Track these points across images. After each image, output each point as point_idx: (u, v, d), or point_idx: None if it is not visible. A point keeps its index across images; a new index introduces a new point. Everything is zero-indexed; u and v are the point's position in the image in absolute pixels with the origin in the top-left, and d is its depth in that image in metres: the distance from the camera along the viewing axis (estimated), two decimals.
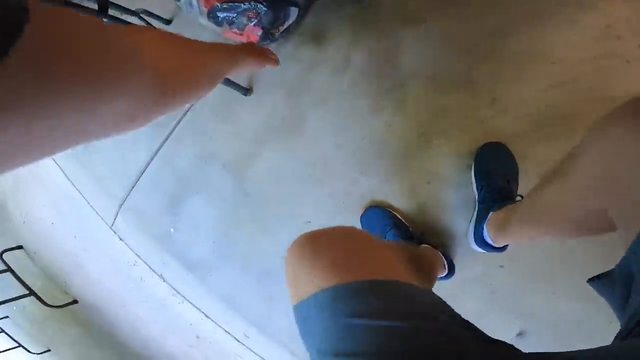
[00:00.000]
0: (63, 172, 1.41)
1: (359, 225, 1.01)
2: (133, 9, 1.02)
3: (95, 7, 0.70)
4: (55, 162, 1.43)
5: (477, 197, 0.86)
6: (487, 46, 0.92)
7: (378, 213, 0.97)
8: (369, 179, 1.01)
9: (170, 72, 0.33)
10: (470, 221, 0.88)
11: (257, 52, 0.58)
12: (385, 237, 0.90)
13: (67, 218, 1.50)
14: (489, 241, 0.79)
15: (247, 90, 1.11)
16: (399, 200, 0.98)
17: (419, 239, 0.94)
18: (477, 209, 0.85)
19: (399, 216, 0.96)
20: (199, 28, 0.96)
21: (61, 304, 1.55)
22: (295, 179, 1.09)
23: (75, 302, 1.58)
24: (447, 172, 0.94)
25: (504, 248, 0.79)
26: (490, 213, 0.77)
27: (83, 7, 0.73)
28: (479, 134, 0.91)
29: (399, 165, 0.99)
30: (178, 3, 0.91)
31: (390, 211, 0.96)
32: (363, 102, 1.00)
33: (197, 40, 0.42)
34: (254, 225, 1.14)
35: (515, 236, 0.72)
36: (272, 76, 1.09)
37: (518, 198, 0.82)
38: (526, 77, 0.89)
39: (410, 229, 0.95)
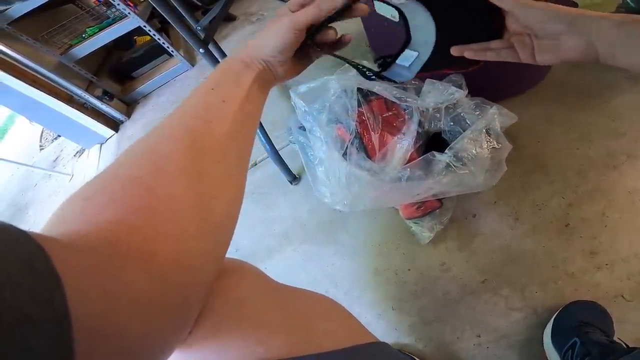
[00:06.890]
0: None
1: None
2: None
3: None
4: None
5: None
6: (592, 178, 0.74)
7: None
8: (400, 315, 0.80)
9: None
10: None
11: None
12: None
13: None
14: None
15: (295, 179, 1.04)
16: (433, 349, 0.74)
17: None
18: None
19: None
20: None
21: None
22: None
23: None
24: (509, 328, 0.70)
25: None
26: None
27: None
28: (568, 290, 0.69)
29: (444, 308, 0.75)
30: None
31: (410, 356, 0.74)
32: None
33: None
34: None
35: None
36: None
37: None
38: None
39: None
